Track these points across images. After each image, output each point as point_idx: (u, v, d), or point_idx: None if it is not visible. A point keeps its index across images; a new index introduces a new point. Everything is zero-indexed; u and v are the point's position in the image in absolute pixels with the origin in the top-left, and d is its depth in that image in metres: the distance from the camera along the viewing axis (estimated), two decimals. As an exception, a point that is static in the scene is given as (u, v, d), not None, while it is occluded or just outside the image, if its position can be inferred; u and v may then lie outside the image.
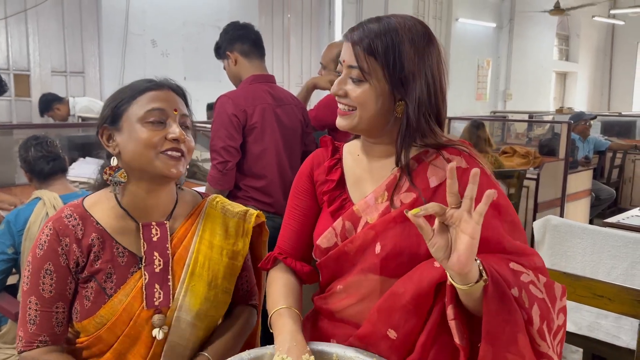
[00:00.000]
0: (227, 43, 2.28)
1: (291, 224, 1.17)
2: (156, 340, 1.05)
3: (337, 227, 1.06)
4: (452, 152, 1.05)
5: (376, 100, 1.00)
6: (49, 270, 1.03)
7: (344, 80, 1.03)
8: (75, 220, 1.06)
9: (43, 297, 1.04)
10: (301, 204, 1.16)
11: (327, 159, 1.15)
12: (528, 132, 6.28)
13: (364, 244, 1.02)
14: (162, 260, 1.07)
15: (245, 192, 2.19)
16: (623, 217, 2.68)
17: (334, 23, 7.25)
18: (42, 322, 1.04)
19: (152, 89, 1.07)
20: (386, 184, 1.05)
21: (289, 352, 0.92)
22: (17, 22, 5.01)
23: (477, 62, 9.56)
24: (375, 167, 1.09)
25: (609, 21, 11.73)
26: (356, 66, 0.99)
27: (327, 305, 1.10)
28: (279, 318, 1.02)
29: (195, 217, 1.15)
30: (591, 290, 1.45)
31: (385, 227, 1.00)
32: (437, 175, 1.02)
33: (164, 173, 1.03)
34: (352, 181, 1.11)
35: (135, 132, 1.03)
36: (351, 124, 1.03)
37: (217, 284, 1.13)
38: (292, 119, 2.28)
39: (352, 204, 1.07)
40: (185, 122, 1.09)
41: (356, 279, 1.03)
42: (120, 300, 1.04)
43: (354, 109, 1.02)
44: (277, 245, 1.18)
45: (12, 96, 5.08)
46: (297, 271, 1.14)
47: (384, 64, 0.98)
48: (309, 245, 1.16)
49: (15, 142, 3.11)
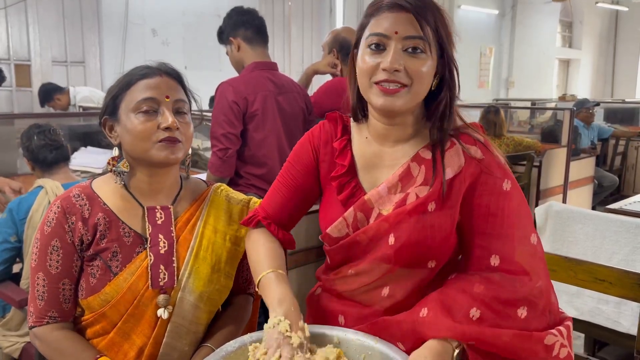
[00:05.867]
0: (231, 28, 2.25)
1: (283, 190, 1.13)
2: (160, 320, 1.08)
3: (349, 218, 1.04)
4: (467, 140, 1.02)
5: (430, 72, 0.97)
6: (55, 247, 1.06)
7: (398, 53, 0.94)
8: (82, 200, 1.08)
9: (50, 273, 1.06)
10: (299, 175, 1.12)
11: (336, 137, 1.10)
12: (530, 120, 6.25)
13: (377, 235, 1.01)
14: (167, 242, 1.10)
15: (246, 179, 2.19)
16: (625, 203, 2.67)
17: (335, 11, 7.21)
18: (50, 298, 1.07)
19: (144, 77, 1.06)
20: (399, 174, 1.02)
21: (287, 316, 0.91)
22: (17, 11, 5.00)
23: (480, 49, 9.50)
24: (387, 152, 1.05)
25: (612, 7, 11.63)
26: (418, 36, 0.94)
27: (336, 285, 1.10)
28: (272, 281, 0.99)
29: (200, 203, 1.17)
30: (592, 274, 1.46)
31: (399, 220, 0.99)
32: (452, 167, 0.99)
33: (161, 161, 1.05)
34: (362, 166, 1.07)
35: (130, 123, 1.05)
36: (403, 101, 0.96)
37: (220, 267, 1.15)
38: (294, 107, 2.27)
39: (362, 192, 1.05)
40: (181, 107, 1.08)
41: (369, 266, 1.02)
42: (125, 278, 1.06)
43: (406, 85, 0.95)
44: (263, 206, 1.14)
45: (13, 86, 5.08)
46: (279, 239, 1.13)
47: (441, 33, 0.97)
48: (292, 215, 1.14)
49: (16, 132, 3.11)
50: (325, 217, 1.09)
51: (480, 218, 0.99)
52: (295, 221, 1.16)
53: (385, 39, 0.95)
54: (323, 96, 2.46)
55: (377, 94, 0.96)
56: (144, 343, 1.08)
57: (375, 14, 0.97)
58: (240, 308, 1.25)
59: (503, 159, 1.02)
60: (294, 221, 1.16)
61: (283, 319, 0.91)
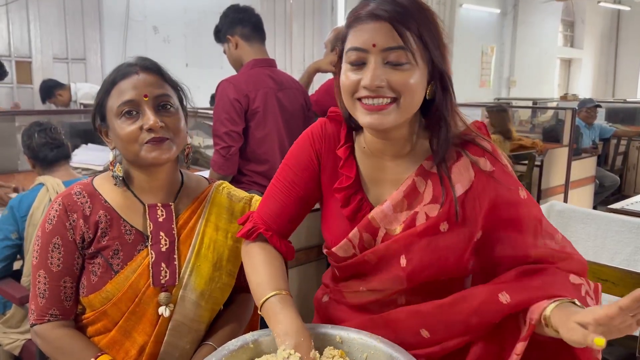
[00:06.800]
0: (228, 26, 2.25)
1: (281, 198, 1.05)
2: (161, 319, 1.07)
3: (354, 239, 0.99)
4: (474, 151, 0.97)
5: (420, 83, 0.89)
6: (57, 245, 1.06)
7: (379, 68, 0.87)
8: (84, 197, 1.08)
9: (51, 271, 1.06)
10: (298, 180, 1.04)
11: (339, 142, 1.03)
12: (532, 119, 6.24)
13: (387, 255, 0.96)
14: (168, 240, 1.09)
15: (248, 177, 2.19)
16: (627, 203, 2.66)
17: (336, 9, 7.20)
18: (51, 296, 1.06)
19: (122, 79, 1.04)
20: (404, 191, 0.96)
21: (297, 349, 0.85)
22: (18, 8, 4.99)
23: (481, 48, 9.49)
24: (389, 166, 0.99)
25: (614, 7, 11.61)
26: (398, 47, 0.86)
27: (348, 299, 1.06)
28: (277, 307, 0.92)
29: (202, 201, 1.16)
30: (595, 274, 1.45)
31: (410, 242, 0.94)
32: (462, 182, 0.94)
33: (151, 162, 1.05)
34: (366, 178, 1.01)
35: (116, 129, 1.04)
36: (392, 118, 0.88)
37: (221, 265, 1.15)
38: (294, 103, 2.27)
39: (369, 205, 1.00)
40: (165, 102, 1.05)
41: (381, 285, 0.99)
42: (126, 276, 1.05)
43: (395, 99, 0.88)
44: (261, 216, 1.06)
45: (13, 83, 5.08)
46: (282, 252, 1.06)
47: (426, 38, 0.88)
48: (293, 223, 1.07)
49: (17, 128, 3.11)
50: (330, 230, 1.04)
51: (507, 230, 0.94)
52: (295, 227, 1.10)
53: (364, 54, 0.88)
54: (324, 95, 2.46)
55: (363, 112, 0.90)
56: (145, 341, 1.07)
57: (353, 25, 0.91)
58: (241, 305, 1.25)
59: (510, 167, 0.99)
60: (294, 228, 1.10)
61: (293, 352, 0.84)
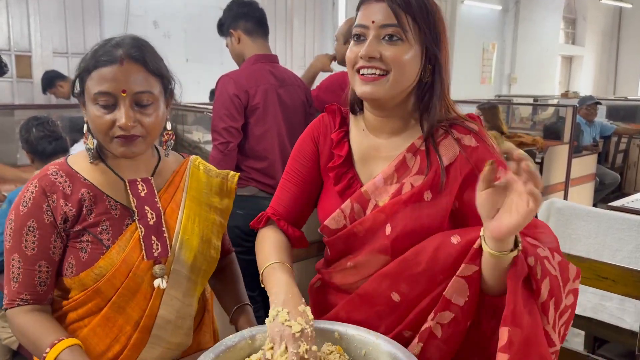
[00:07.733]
0: (231, 20, 2.23)
1: (289, 187, 1.15)
2: (155, 293, 1.07)
3: (346, 210, 1.05)
4: (460, 130, 1.04)
5: (412, 61, 0.98)
6: (32, 228, 1.03)
7: (375, 41, 0.97)
8: (61, 177, 1.06)
9: (25, 254, 1.03)
10: (303, 169, 1.14)
11: (334, 129, 1.12)
12: (533, 117, 6.22)
13: (374, 226, 1.02)
14: (155, 214, 1.09)
15: (247, 173, 2.18)
16: (627, 200, 2.66)
17: (337, 4, 7.16)
18: (24, 280, 1.04)
19: (104, 65, 1.00)
20: (395, 165, 1.03)
21: (285, 304, 0.91)
22: (18, 2, 4.97)
23: (482, 45, 9.46)
24: (383, 144, 1.07)
25: (616, 4, 11.55)
26: (393, 24, 0.96)
27: (335, 279, 1.10)
28: (273, 272, 1.00)
29: (181, 175, 1.17)
30: (595, 272, 1.45)
31: (395, 210, 1.00)
32: (447, 155, 1.01)
33: (120, 155, 1.05)
34: (359, 158, 1.09)
35: (90, 112, 1.03)
36: (383, 89, 0.98)
37: (208, 238, 1.16)
38: (295, 100, 2.26)
39: (359, 184, 1.07)
40: (143, 99, 1.02)
41: (366, 258, 1.04)
42: (118, 251, 1.04)
43: (386, 72, 0.98)
44: (272, 205, 1.17)
45: (13, 77, 5.06)
46: (289, 235, 1.14)
47: (420, 21, 0.97)
48: (303, 211, 1.16)
49: (16, 123, 3.10)
50: (323, 208, 1.11)
51: None
52: (306, 216, 1.18)
53: (365, 30, 0.99)
54: (325, 90, 2.46)
55: (359, 82, 1.00)
56: (140, 316, 1.07)
57: (360, 7, 1.02)
58: (231, 264, 1.30)
59: (498, 149, 1.03)
60: (305, 216, 1.18)
61: (281, 309, 0.90)
